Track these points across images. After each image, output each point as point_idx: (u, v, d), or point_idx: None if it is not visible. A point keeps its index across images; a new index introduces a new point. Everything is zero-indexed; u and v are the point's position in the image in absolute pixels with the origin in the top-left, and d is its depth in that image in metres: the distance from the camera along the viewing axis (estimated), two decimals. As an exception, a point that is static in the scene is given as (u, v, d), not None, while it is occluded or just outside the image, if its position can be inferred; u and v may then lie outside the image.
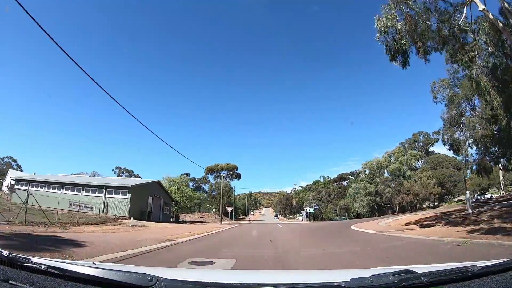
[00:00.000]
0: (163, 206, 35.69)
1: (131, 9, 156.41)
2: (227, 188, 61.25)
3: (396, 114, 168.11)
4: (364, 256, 8.48)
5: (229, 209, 36.41)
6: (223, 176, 48.83)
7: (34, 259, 1.36)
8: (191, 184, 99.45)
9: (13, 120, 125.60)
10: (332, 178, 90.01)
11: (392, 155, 71.16)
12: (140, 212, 28.91)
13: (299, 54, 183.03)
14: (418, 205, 65.37)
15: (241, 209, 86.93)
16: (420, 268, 1.56)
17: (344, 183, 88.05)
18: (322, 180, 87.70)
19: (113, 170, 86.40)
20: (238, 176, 69.83)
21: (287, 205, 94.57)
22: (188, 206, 41.33)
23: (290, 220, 74.12)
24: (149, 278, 1.22)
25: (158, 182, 34.78)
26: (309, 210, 61.60)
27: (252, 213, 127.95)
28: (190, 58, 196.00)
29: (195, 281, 1.38)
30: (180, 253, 8.91)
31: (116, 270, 1.35)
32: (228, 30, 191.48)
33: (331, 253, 9.34)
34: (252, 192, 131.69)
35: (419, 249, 9.45)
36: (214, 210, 56.59)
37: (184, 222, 42.63)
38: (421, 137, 79.65)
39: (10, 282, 1.19)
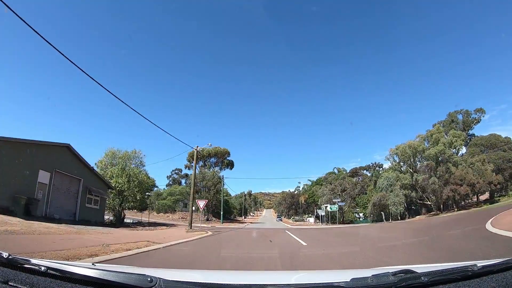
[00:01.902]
0: (85, 195, 20.02)
1: (129, 10, 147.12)
2: (214, 179, 45.47)
3: (396, 115, 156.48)
4: None
5: (201, 203, 21.45)
6: (202, 156, 33.09)
7: (33, 261, 1.32)
8: (183, 181, 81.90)
9: None
10: (346, 172, 75.37)
11: (426, 138, 55.53)
12: (11, 198, 13.67)
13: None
14: (461, 201, 49.73)
15: (237, 209, 71.63)
16: (420, 268, 1.52)
17: (358, 179, 74.63)
18: (336, 172, 71.81)
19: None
20: (231, 165, 53.66)
21: (292, 204, 78.55)
22: (138, 198, 25.52)
23: (298, 223, 57.69)
24: (149, 279, 1.20)
25: (69, 148, 18.58)
26: (331, 208, 43.73)
27: (252, 214, 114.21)
28: (191, 58, 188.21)
29: (195, 282, 1.36)
30: None
31: (116, 271, 1.33)
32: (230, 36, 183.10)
33: None
34: (252, 192, 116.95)
35: None
36: (194, 207, 40.73)
37: (139, 224, 26.97)
38: (459, 117, 63.82)
39: (9, 283, 1.17)
